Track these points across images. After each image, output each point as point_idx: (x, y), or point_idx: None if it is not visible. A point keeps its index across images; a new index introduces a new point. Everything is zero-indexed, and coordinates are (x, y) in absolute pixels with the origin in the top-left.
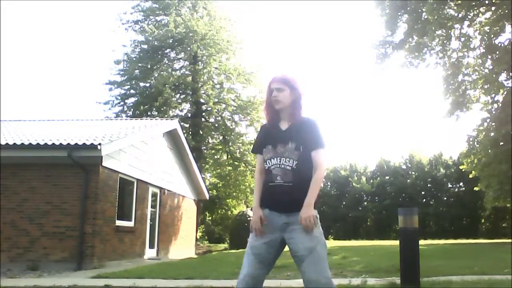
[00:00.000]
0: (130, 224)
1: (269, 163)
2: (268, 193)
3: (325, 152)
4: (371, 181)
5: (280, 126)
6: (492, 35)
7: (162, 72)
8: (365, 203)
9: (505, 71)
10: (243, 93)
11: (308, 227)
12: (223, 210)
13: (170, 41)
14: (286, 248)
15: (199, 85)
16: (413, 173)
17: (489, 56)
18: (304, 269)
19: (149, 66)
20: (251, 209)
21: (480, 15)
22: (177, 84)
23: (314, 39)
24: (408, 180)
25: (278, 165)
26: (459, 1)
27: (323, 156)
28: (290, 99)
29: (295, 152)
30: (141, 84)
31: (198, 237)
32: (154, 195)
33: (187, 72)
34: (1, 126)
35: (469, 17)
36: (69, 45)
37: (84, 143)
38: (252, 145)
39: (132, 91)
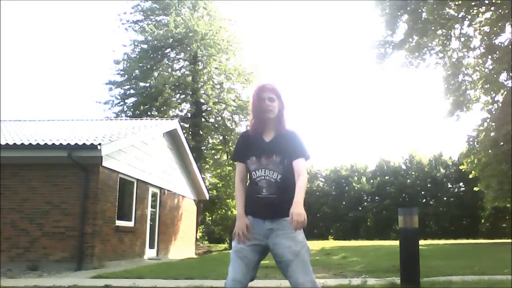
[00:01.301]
0: (130, 224)
1: (254, 174)
2: (253, 204)
3: (306, 162)
4: (371, 181)
5: (264, 137)
6: (492, 35)
7: (162, 72)
8: (365, 203)
9: (505, 71)
10: (243, 93)
11: (299, 223)
12: (223, 210)
13: (170, 41)
14: None
15: (199, 85)
16: (413, 173)
17: (489, 56)
18: (291, 273)
19: (149, 66)
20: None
21: (480, 15)
22: (177, 84)
23: (314, 39)
24: (408, 180)
25: (263, 177)
26: (459, 1)
27: (304, 165)
28: (277, 110)
29: (279, 166)
30: (141, 84)
31: (198, 237)
32: (154, 195)
33: (187, 72)
34: (1, 126)
35: (469, 17)
36: (69, 45)
37: (84, 143)
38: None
39: (132, 91)
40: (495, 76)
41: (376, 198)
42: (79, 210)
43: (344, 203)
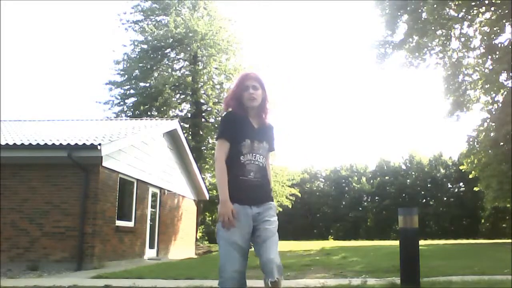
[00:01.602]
0: (130, 224)
1: (244, 157)
2: (240, 188)
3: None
4: (371, 181)
5: (253, 123)
6: (492, 35)
7: (162, 72)
8: (365, 203)
9: (505, 71)
10: None
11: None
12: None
13: (170, 41)
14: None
15: (199, 85)
16: (413, 173)
17: (489, 56)
18: (265, 248)
19: (149, 66)
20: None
21: (480, 15)
22: (177, 84)
23: (314, 38)
24: (408, 180)
25: (252, 161)
26: (459, 1)
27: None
28: (261, 98)
29: (265, 151)
30: (141, 84)
31: (198, 237)
32: (154, 195)
33: (187, 72)
34: (1, 126)
35: (469, 17)
36: (69, 45)
37: (84, 143)
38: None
39: (132, 91)
40: (495, 76)
41: (376, 198)
42: (79, 210)
43: (344, 203)
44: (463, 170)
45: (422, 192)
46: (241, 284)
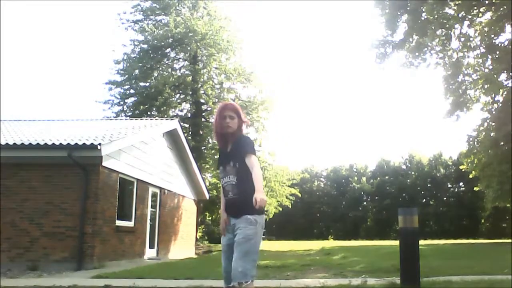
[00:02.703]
0: (130, 224)
1: (222, 181)
2: (225, 205)
3: (255, 157)
4: (371, 181)
5: (227, 149)
6: (492, 35)
7: (162, 72)
8: (365, 203)
9: (505, 71)
10: (243, 93)
11: (261, 206)
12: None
13: (170, 41)
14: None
15: (199, 85)
16: (413, 173)
17: (489, 56)
18: (233, 257)
19: (149, 66)
20: None
21: (480, 15)
22: (177, 84)
23: (314, 39)
24: (408, 180)
25: (228, 183)
26: (459, 1)
27: (254, 160)
28: (236, 126)
29: (234, 170)
30: (141, 84)
31: (198, 237)
32: (154, 195)
33: (187, 72)
34: (1, 126)
35: (469, 17)
36: (69, 45)
37: (84, 143)
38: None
39: (132, 90)
40: (495, 76)
41: (376, 198)
42: (79, 210)
43: (344, 203)
44: (463, 170)
45: (422, 192)
46: (227, 280)
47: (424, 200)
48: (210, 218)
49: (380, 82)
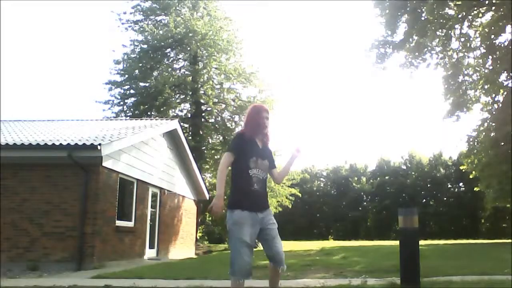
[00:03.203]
0: (130, 224)
1: (251, 171)
2: (249, 197)
3: None
4: (371, 181)
5: (258, 144)
6: (492, 35)
7: (162, 72)
8: (365, 203)
9: (505, 71)
10: (243, 93)
11: (301, 152)
12: (223, 210)
13: (170, 41)
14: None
15: (199, 85)
16: (413, 173)
17: (489, 56)
18: (275, 244)
19: (149, 66)
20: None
21: (480, 15)
22: (177, 84)
23: (314, 38)
24: (408, 180)
25: (256, 175)
26: (459, 1)
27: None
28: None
29: (265, 167)
30: (141, 84)
31: (198, 237)
32: (154, 195)
33: (187, 72)
34: (1, 126)
35: (469, 17)
36: (69, 45)
37: (84, 143)
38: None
39: (132, 91)
40: (495, 76)
41: (376, 198)
42: (79, 210)
43: (344, 203)
44: (463, 170)
45: (422, 192)
46: (250, 272)
47: (424, 200)
48: (210, 218)
49: (380, 82)
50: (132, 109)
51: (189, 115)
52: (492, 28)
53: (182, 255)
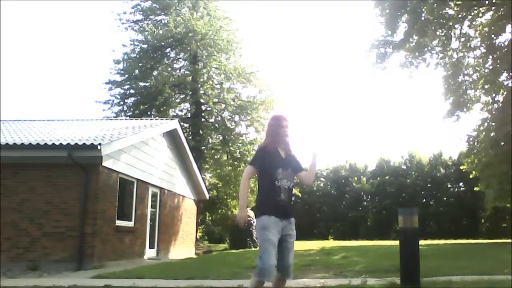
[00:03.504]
0: (130, 224)
1: (278, 182)
2: (276, 206)
3: None
4: (371, 181)
5: (281, 154)
6: (492, 35)
7: (162, 72)
8: (365, 203)
9: (505, 71)
10: (243, 93)
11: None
12: (223, 210)
13: (170, 40)
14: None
15: (199, 85)
16: (413, 173)
17: (489, 56)
18: (288, 255)
19: (149, 66)
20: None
21: (480, 15)
22: (177, 84)
23: (314, 38)
24: (408, 180)
25: (283, 185)
26: (459, 1)
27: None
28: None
29: (291, 177)
30: (141, 83)
31: (198, 237)
32: (154, 195)
33: (187, 72)
34: (1, 126)
35: (469, 17)
36: (69, 45)
37: (84, 143)
38: (250, 144)
39: (132, 90)
40: (495, 76)
41: (376, 198)
42: (79, 210)
43: (344, 203)
44: (463, 170)
45: (422, 192)
46: (274, 273)
47: (424, 200)
48: (210, 218)
49: (380, 82)
50: (132, 109)
51: (189, 115)
52: (492, 28)
53: (182, 255)
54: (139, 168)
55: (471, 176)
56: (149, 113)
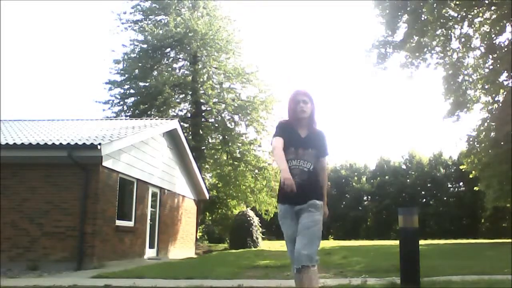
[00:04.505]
0: (130, 224)
1: (290, 163)
2: (286, 190)
3: (327, 159)
4: (371, 181)
5: (300, 133)
6: (492, 35)
7: (162, 72)
8: (365, 203)
9: (505, 71)
10: (243, 93)
11: (325, 215)
12: (223, 210)
13: (170, 40)
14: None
15: (199, 85)
16: (413, 173)
17: (489, 56)
18: (297, 240)
19: (148, 66)
20: (251, 209)
21: (480, 15)
22: (177, 83)
23: (314, 38)
24: (408, 180)
25: (297, 166)
26: (459, 1)
27: (326, 161)
28: (310, 110)
29: (310, 157)
30: (141, 83)
31: (198, 237)
32: (154, 195)
33: (187, 72)
34: (1, 126)
35: (469, 17)
36: (69, 45)
37: (84, 143)
38: (250, 144)
39: (131, 90)
40: (495, 76)
41: (376, 198)
42: (79, 210)
43: (344, 203)
44: (463, 170)
45: (422, 192)
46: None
47: (424, 200)
48: (210, 218)
49: (380, 82)
50: (132, 109)
51: (189, 115)
52: (492, 28)
53: (182, 254)
54: (139, 168)
55: (471, 176)
56: (149, 113)
